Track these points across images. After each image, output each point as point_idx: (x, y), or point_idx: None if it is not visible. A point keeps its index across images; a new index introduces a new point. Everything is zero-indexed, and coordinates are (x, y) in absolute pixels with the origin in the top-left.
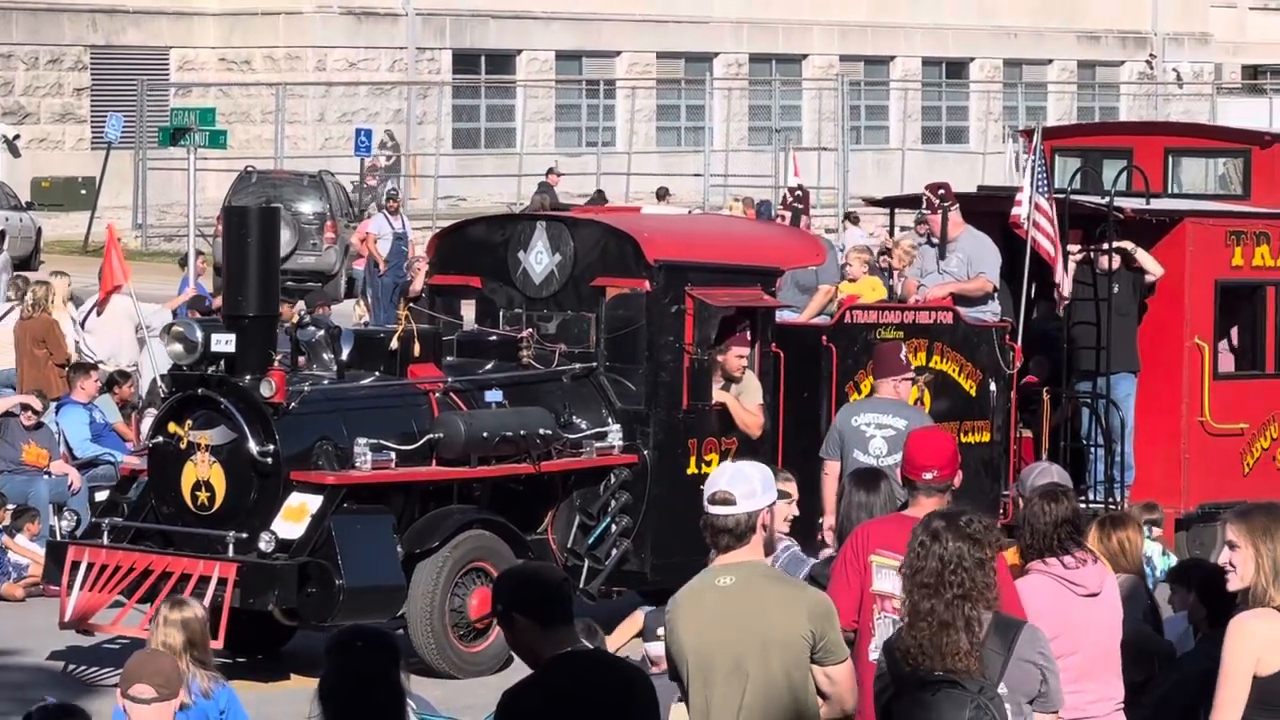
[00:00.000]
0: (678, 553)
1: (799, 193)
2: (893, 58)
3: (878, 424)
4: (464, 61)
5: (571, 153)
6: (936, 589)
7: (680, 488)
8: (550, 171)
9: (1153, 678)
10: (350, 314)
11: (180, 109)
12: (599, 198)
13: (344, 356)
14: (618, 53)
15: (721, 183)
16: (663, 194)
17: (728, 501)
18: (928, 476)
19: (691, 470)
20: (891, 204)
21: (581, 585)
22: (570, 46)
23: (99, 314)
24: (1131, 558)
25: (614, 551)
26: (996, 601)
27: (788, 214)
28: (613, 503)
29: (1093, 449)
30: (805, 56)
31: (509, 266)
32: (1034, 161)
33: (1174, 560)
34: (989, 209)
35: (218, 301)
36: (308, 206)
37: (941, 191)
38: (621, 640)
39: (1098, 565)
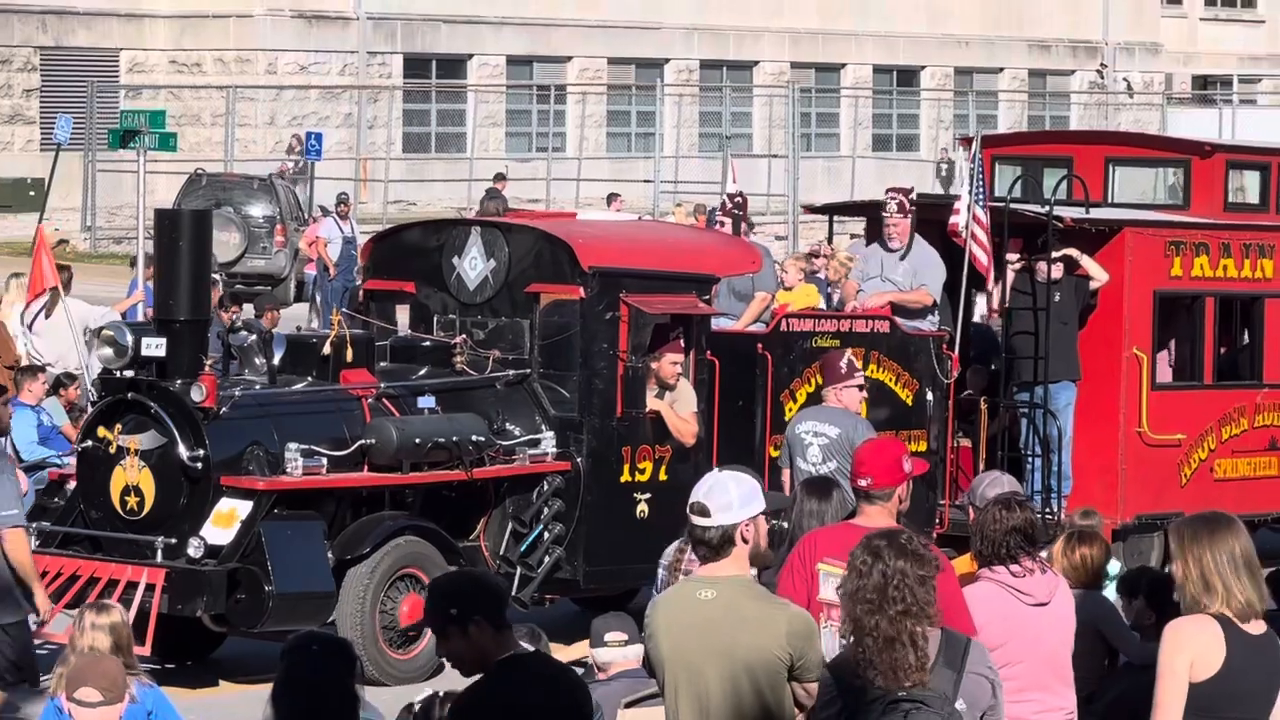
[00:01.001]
0: (610, 560)
1: (739, 199)
2: (843, 65)
3: (815, 431)
4: (415, 66)
5: (522, 158)
6: (880, 605)
7: (613, 495)
8: (499, 177)
9: (1102, 686)
10: (303, 318)
11: (130, 111)
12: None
13: (276, 361)
14: (569, 58)
15: (672, 189)
16: (612, 199)
17: (703, 513)
18: (862, 483)
19: (625, 478)
20: (831, 211)
21: (514, 593)
22: (521, 51)
23: (47, 316)
24: (1090, 573)
25: (546, 559)
26: (939, 618)
27: (728, 221)
28: (545, 510)
29: (1030, 458)
30: (756, 63)
31: (444, 272)
32: (973, 170)
33: (1116, 566)
34: (927, 217)
35: None
36: (258, 210)
37: (913, 196)
38: (577, 654)
39: (1048, 575)
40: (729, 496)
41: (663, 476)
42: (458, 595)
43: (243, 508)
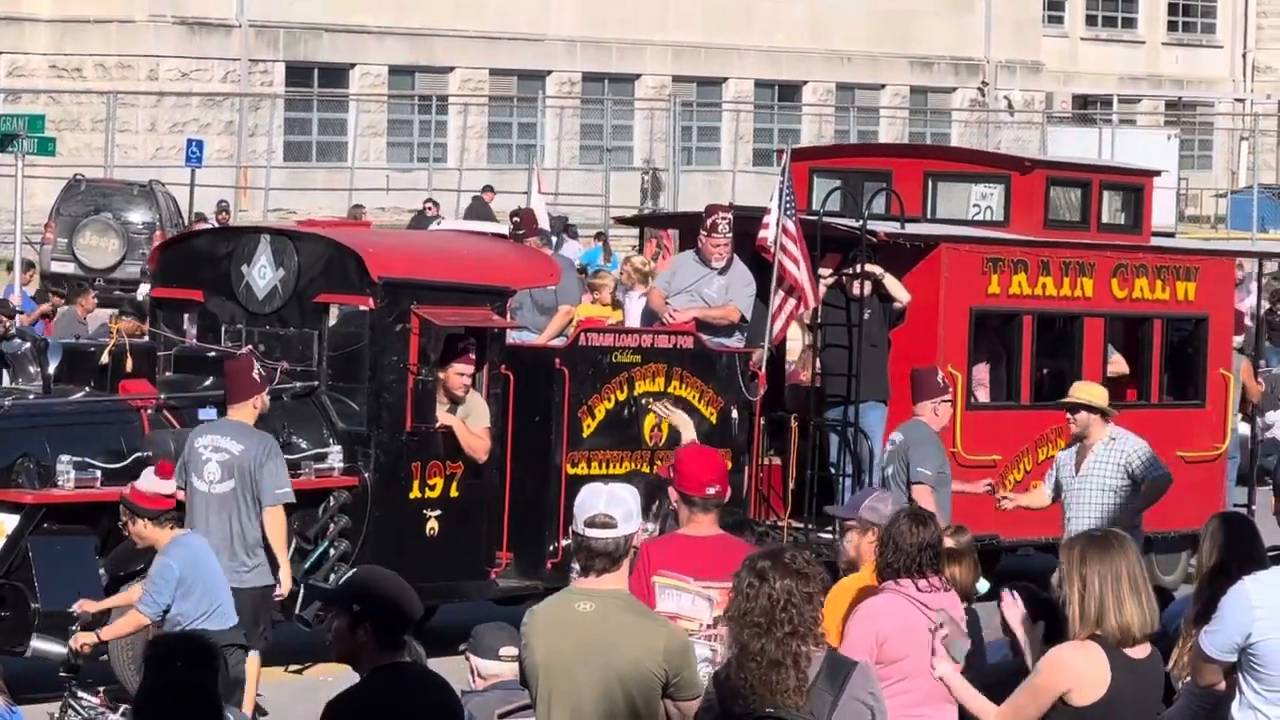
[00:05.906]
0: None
1: (516, 219)
2: (725, 79)
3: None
4: (297, 74)
5: (403, 168)
6: (768, 629)
7: (402, 512)
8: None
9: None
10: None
11: (9, 115)
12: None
13: (51, 370)
14: (451, 69)
15: (552, 201)
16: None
17: (607, 525)
18: (711, 491)
19: (415, 494)
20: (642, 222)
21: (297, 611)
22: (403, 61)
23: None
24: (960, 592)
25: (332, 576)
26: (824, 636)
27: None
28: (331, 526)
29: (841, 478)
30: (638, 76)
31: (232, 280)
32: (782, 183)
33: (985, 585)
34: (736, 230)
35: (41, 309)
36: (137, 216)
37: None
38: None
39: (950, 594)
40: (629, 505)
41: (454, 493)
42: (370, 597)
43: (9, 521)
